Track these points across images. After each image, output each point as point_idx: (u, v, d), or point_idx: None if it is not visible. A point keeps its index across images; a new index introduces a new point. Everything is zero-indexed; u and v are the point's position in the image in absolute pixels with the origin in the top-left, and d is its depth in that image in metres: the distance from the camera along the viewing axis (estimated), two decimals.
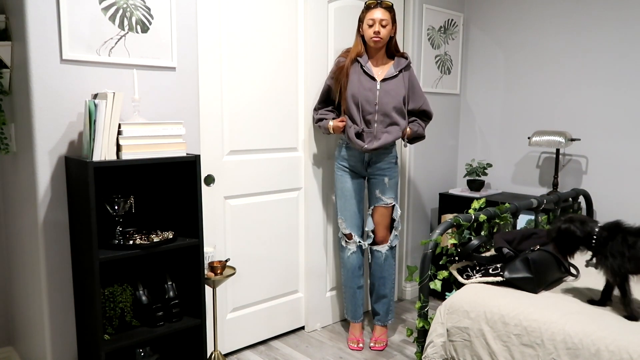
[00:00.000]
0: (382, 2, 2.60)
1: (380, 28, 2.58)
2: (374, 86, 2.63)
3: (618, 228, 1.91)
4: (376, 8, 2.58)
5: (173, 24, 2.22)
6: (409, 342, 2.86)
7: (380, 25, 2.58)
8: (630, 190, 3.06)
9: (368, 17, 2.59)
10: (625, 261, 1.84)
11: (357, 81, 2.63)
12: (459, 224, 2.35)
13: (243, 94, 2.59)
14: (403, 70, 2.68)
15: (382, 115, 2.63)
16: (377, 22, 2.57)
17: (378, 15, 2.57)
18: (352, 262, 2.82)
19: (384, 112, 2.63)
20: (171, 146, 2.03)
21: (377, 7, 2.59)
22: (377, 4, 2.59)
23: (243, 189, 2.65)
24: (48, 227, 1.99)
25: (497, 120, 3.65)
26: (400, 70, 2.67)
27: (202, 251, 2.15)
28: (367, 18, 2.60)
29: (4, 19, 2.08)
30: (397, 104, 2.64)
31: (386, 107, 2.63)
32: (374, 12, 2.58)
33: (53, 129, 1.95)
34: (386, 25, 2.59)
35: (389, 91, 2.64)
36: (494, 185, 3.68)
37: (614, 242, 1.87)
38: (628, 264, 1.84)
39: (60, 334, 2.06)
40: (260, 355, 2.72)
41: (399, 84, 2.67)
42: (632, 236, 1.86)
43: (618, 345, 1.68)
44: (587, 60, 3.17)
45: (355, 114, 2.64)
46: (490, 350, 1.95)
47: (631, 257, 1.84)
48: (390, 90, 2.64)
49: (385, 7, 2.59)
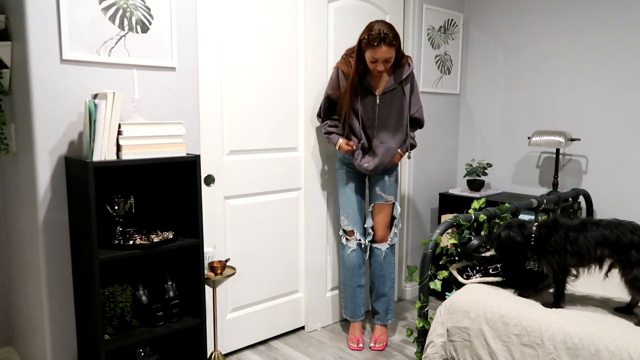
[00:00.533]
0: (385, 36, 2.39)
1: (384, 65, 2.46)
2: (373, 101, 2.62)
3: (557, 224, 1.95)
4: (379, 46, 2.39)
5: (173, 24, 2.22)
6: (409, 342, 2.86)
7: (384, 62, 2.45)
8: (630, 190, 3.06)
9: (371, 54, 2.43)
10: (567, 257, 1.89)
11: (357, 96, 2.61)
12: (459, 224, 2.35)
13: (243, 94, 2.59)
14: (403, 81, 2.62)
15: (381, 129, 2.64)
16: (380, 61, 2.45)
17: (382, 55, 2.42)
18: (352, 260, 2.82)
19: (383, 126, 2.63)
20: (171, 146, 2.03)
21: (381, 45, 2.39)
22: (380, 41, 2.38)
23: (243, 189, 2.65)
24: (48, 227, 1.99)
25: (497, 120, 3.65)
26: (400, 82, 2.62)
27: (202, 251, 2.15)
28: (370, 56, 2.44)
29: (4, 19, 2.08)
30: (397, 117, 2.63)
31: (385, 121, 2.63)
32: (377, 51, 2.40)
33: (53, 129, 1.95)
34: (390, 60, 2.46)
35: (388, 105, 2.62)
36: (494, 185, 3.68)
37: (556, 238, 1.91)
38: (570, 259, 1.89)
39: (60, 334, 2.06)
40: (260, 355, 2.72)
41: (399, 94, 2.63)
42: (573, 232, 1.90)
43: (618, 345, 1.68)
44: (587, 60, 3.17)
45: (357, 128, 2.64)
46: (490, 350, 1.95)
47: (574, 253, 1.88)
48: (390, 104, 2.62)
49: (389, 44, 2.40)
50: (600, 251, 1.84)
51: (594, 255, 1.86)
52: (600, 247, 1.84)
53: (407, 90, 2.64)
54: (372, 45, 2.41)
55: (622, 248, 1.81)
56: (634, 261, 1.78)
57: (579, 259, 1.89)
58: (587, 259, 1.88)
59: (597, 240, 1.85)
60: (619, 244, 1.81)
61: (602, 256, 1.85)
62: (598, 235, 1.85)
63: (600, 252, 1.84)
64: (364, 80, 2.60)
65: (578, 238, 1.88)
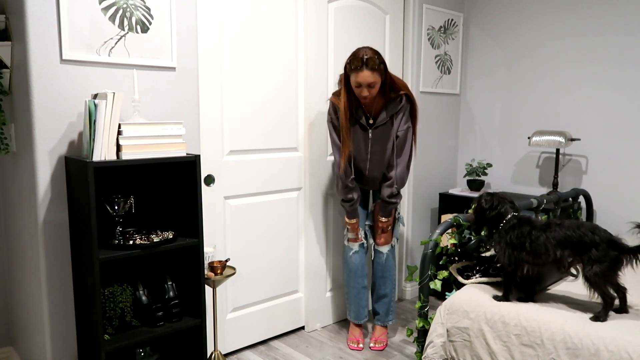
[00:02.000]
0: (367, 61, 2.38)
1: (368, 90, 2.44)
2: (366, 136, 2.63)
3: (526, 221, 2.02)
4: (361, 70, 2.39)
5: (173, 24, 2.22)
6: (409, 342, 2.86)
7: (367, 87, 2.43)
8: (630, 190, 3.06)
9: (354, 79, 2.43)
10: (522, 254, 1.97)
11: (351, 131, 2.59)
12: (459, 224, 2.35)
13: (243, 93, 2.59)
14: (394, 115, 2.60)
15: (374, 163, 2.65)
16: (364, 87, 2.43)
17: (365, 79, 2.40)
18: (355, 261, 2.82)
19: (376, 161, 2.65)
20: (171, 146, 2.03)
21: (363, 69, 2.39)
22: (362, 65, 2.38)
23: (243, 189, 2.65)
24: (48, 227, 1.99)
25: (497, 120, 3.65)
26: (392, 116, 2.60)
27: (202, 251, 2.15)
28: (354, 80, 2.44)
29: (4, 19, 2.08)
30: (387, 153, 2.64)
31: (377, 155, 2.64)
32: (359, 75, 2.40)
33: (53, 129, 1.95)
34: (374, 85, 2.43)
35: (380, 139, 2.63)
36: (494, 185, 3.68)
37: (520, 232, 1.99)
38: (526, 255, 1.97)
39: (60, 334, 2.06)
40: (260, 355, 2.72)
41: (389, 131, 2.62)
42: (537, 231, 1.97)
43: (617, 345, 1.68)
44: (587, 60, 3.17)
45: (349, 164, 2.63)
46: (490, 350, 1.95)
47: (530, 251, 1.96)
48: (381, 138, 2.63)
49: (372, 69, 2.39)
50: (561, 252, 1.92)
51: (552, 255, 1.93)
52: (562, 247, 1.92)
53: (396, 124, 2.61)
54: (355, 69, 2.41)
55: (584, 247, 1.89)
56: (594, 259, 1.86)
57: (535, 257, 1.96)
58: (544, 258, 1.95)
59: (560, 240, 1.92)
60: (581, 243, 1.89)
61: (563, 257, 1.93)
62: (561, 236, 1.92)
63: (560, 253, 1.92)
64: (357, 116, 2.60)
65: (539, 237, 1.95)
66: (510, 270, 2.01)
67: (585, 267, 1.88)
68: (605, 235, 1.88)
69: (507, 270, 2.03)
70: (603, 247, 1.85)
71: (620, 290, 1.90)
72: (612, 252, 1.85)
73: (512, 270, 2.01)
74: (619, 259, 1.85)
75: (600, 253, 1.85)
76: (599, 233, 1.89)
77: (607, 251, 1.85)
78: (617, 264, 1.85)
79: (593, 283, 1.86)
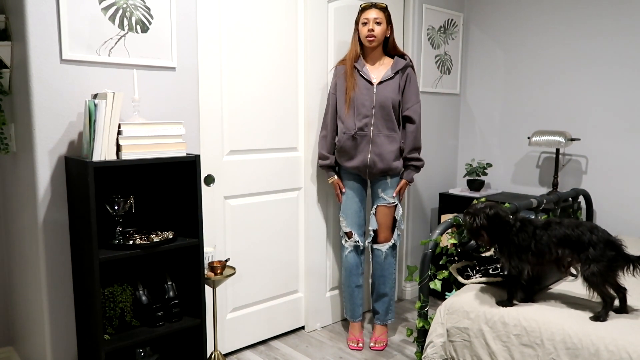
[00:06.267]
0: (376, 4, 2.66)
1: (374, 26, 2.62)
2: (370, 90, 2.65)
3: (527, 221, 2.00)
4: (370, 9, 2.64)
5: (173, 24, 2.22)
6: (409, 342, 2.86)
7: (374, 23, 2.62)
8: (630, 190, 3.06)
9: (362, 16, 2.66)
10: (529, 255, 1.95)
11: (356, 85, 2.66)
12: (459, 224, 2.35)
13: (243, 93, 2.59)
14: (400, 71, 2.69)
15: (379, 119, 2.65)
16: (371, 21, 2.62)
17: (372, 15, 2.62)
18: (350, 260, 2.83)
19: (380, 116, 2.65)
20: (171, 146, 2.03)
21: (372, 8, 2.65)
22: (371, 5, 2.65)
23: (243, 189, 2.65)
24: (48, 227, 1.99)
25: (497, 120, 3.65)
26: (397, 72, 2.68)
27: (202, 251, 2.15)
28: (362, 17, 2.66)
29: (4, 19, 2.08)
30: (393, 108, 2.66)
31: (382, 110, 2.64)
32: (368, 12, 2.64)
33: (53, 129, 1.95)
34: (380, 23, 2.63)
35: (385, 94, 2.65)
36: (494, 185, 3.68)
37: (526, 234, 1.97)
38: (531, 257, 1.95)
39: (60, 334, 2.06)
40: (260, 355, 2.72)
41: (395, 86, 2.67)
42: (539, 230, 1.96)
43: (617, 345, 1.68)
44: (587, 60, 3.17)
45: (350, 119, 2.66)
46: (490, 350, 1.95)
47: (535, 252, 1.94)
48: (387, 93, 2.65)
49: (379, 8, 2.64)
50: (561, 250, 1.91)
51: (554, 254, 1.93)
52: (562, 246, 1.91)
53: (403, 80, 2.70)
54: (364, 9, 2.67)
55: (582, 246, 1.88)
56: (592, 258, 1.85)
57: (539, 258, 1.95)
58: (547, 258, 1.95)
59: (560, 238, 1.92)
60: (579, 243, 1.89)
61: (562, 255, 1.92)
62: (561, 234, 1.92)
63: (560, 252, 1.92)
64: (362, 72, 2.68)
65: (543, 236, 1.94)
66: (515, 274, 1.99)
67: (583, 266, 1.88)
68: (603, 235, 1.88)
69: (512, 274, 2.00)
70: (600, 247, 1.85)
71: (620, 290, 1.90)
72: (609, 252, 1.85)
73: (517, 274, 1.98)
74: (617, 259, 1.85)
75: (597, 253, 1.85)
76: (597, 233, 1.89)
77: (604, 251, 1.85)
78: (614, 264, 1.85)
79: (591, 283, 1.86)
